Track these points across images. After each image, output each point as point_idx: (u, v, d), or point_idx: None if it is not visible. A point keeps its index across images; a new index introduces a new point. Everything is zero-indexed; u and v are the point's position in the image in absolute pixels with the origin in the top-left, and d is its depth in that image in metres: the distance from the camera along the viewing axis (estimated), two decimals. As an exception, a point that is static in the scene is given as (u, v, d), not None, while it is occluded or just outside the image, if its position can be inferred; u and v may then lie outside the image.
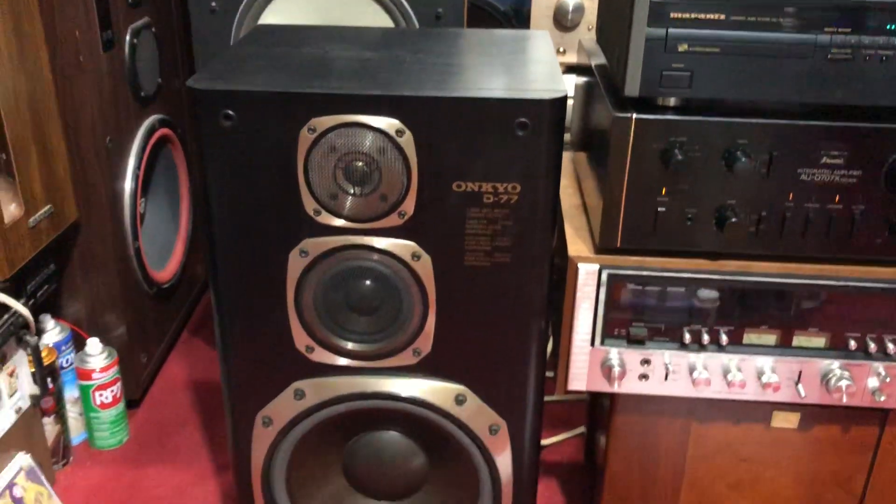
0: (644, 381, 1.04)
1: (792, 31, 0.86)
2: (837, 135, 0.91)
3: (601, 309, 1.01)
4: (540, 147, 0.91)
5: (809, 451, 1.13)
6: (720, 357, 1.03)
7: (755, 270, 0.98)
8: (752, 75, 0.88)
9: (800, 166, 0.92)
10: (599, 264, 0.99)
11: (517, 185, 0.93)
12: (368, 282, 0.98)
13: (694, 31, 0.87)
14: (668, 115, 0.92)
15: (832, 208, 0.94)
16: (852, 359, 1.02)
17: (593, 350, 1.04)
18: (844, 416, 1.11)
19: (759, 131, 0.91)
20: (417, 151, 0.91)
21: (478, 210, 0.94)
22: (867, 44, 0.86)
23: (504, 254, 0.97)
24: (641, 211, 0.95)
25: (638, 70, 0.88)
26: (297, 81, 0.93)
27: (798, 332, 1.02)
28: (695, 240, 0.97)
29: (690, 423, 1.12)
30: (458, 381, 1.04)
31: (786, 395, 1.04)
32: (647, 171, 0.93)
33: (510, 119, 0.90)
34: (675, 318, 1.01)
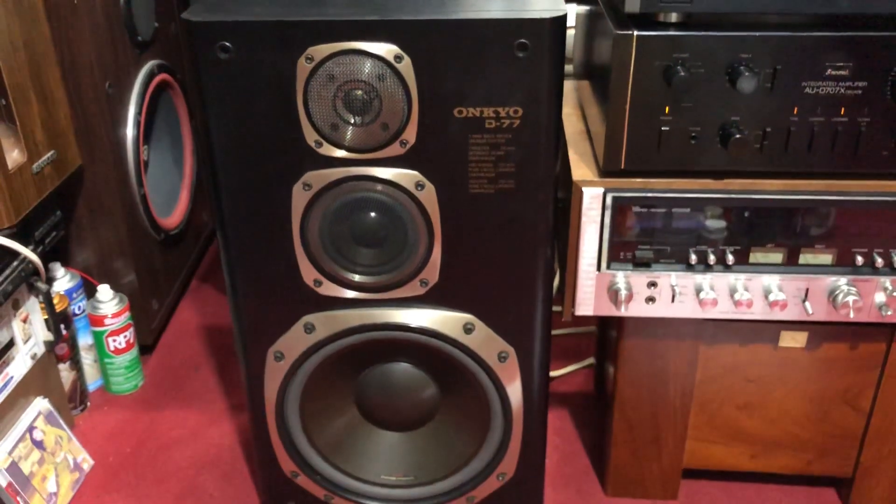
0: (651, 303, 1.05)
1: (795, -62, 0.84)
2: (841, 45, 0.89)
3: (606, 233, 1.01)
4: (541, 69, 0.90)
5: (817, 370, 1.14)
6: (726, 277, 1.03)
7: (761, 188, 0.98)
8: (755, -14, 0.87)
9: (804, 79, 0.91)
10: (604, 188, 0.99)
11: (519, 109, 0.92)
12: (373, 213, 0.98)
13: (695, -58, 0.85)
14: (670, 31, 0.90)
15: (837, 121, 0.93)
16: (859, 274, 1.02)
17: (600, 274, 1.04)
18: (852, 334, 1.11)
19: (763, 45, 0.90)
20: (417, 77, 0.91)
21: (480, 136, 0.94)
22: (873, -52, 0.84)
23: (508, 180, 0.96)
24: (645, 131, 0.95)
25: (638, -15, 0.87)
26: (292, 10, 0.92)
27: (805, 250, 1.01)
28: (700, 159, 0.96)
29: (698, 346, 1.13)
30: (466, 309, 1.05)
31: (793, 312, 1.04)
32: (649, 89, 0.92)
33: (510, 40, 0.89)
34: (680, 240, 1.01)
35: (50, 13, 1.30)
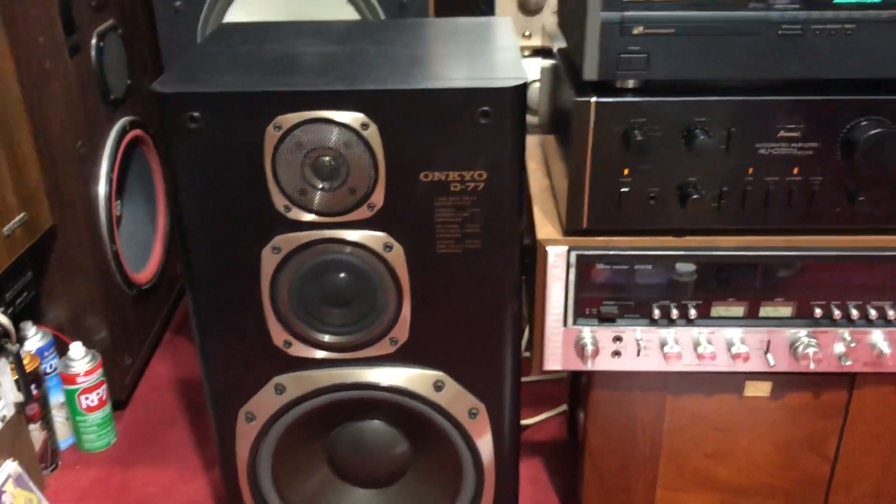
0: (617, 357, 1.07)
1: (744, 9, 0.88)
2: (792, 108, 0.93)
3: (571, 289, 1.03)
4: (504, 134, 0.93)
5: (782, 418, 1.16)
6: (690, 331, 1.05)
7: (720, 245, 1.01)
8: (707, 54, 0.90)
9: (758, 141, 0.94)
10: (568, 246, 1.01)
11: (483, 173, 0.95)
12: (342, 274, 1.00)
13: (648, 13, 0.88)
14: (628, 97, 0.93)
15: (791, 180, 0.96)
16: (818, 326, 1.04)
17: (566, 330, 1.06)
18: (814, 383, 1.13)
19: (717, 108, 0.93)
20: (383, 144, 0.93)
21: (446, 199, 0.96)
22: (816, 18, 0.88)
23: (474, 240, 0.98)
24: (606, 192, 0.97)
25: (595, 54, 0.90)
26: (260, 80, 0.94)
27: (765, 303, 1.04)
28: (659, 218, 0.99)
29: (665, 397, 1.15)
30: (436, 367, 1.06)
31: (756, 364, 1.06)
32: (609, 152, 0.95)
33: (473, 108, 0.91)
34: (644, 295, 1.04)
35: (21, 77, 1.32)
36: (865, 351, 1.05)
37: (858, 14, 0.88)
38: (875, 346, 1.05)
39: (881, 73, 0.91)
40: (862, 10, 0.88)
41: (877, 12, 0.88)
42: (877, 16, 0.88)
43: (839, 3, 0.88)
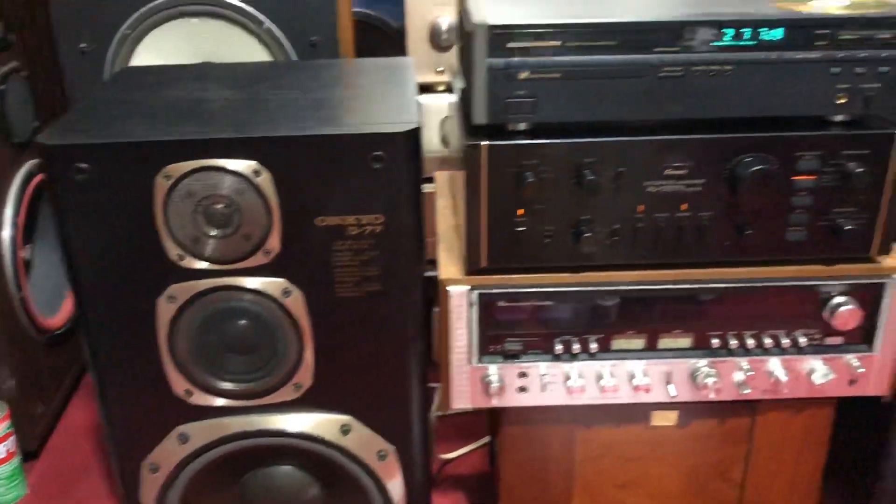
0: (523, 393, 1.08)
1: (624, 52, 0.90)
2: (677, 147, 0.95)
3: (475, 328, 1.04)
4: (398, 177, 0.94)
5: (690, 446, 1.18)
6: (593, 364, 1.07)
7: (617, 280, 1.02)
8: (593, 97, 0.92)
9: (646, 179, 0.97)
10: (469, 285, 1.02)
11: (380, 216, 0.95)
12: (242, 322, 0.99)
13: (533, 59, 0.90)
14: (519, 139, 0.95)
15: (681, 216, 0.99)
16: (716, 356, 1.07)
17: (472, 368, 1.06)
18: (719, 410, 1.16)
19: (604, 149, 0.95)
20: (277, 190, 0.93)
21: (343, 243, 0.96)
22: (695, 60, 0.91)
23: (374, 283, 0.99)
24: (503, 232, 0.98)
25: (483, 99, 0.91)
26: (150, 129, 0.93)
27: (663, 335, 1.06)
28: (556, 256, 1.00)
29: (575, 429, 1.16)
30: (343, 411, 1.06)
31: (658, 395, 1.08)
32: (503, 194, 0.96)
33: (365, 153, 0.92)
34: (546, 331, 1.05)
35: (-85, 123, 1.28)
36: (763, 378, 1.08)
37: (735, 56, 0.91)
38: (772, 373, 1.07)
39: (760, 112, 0.94)
40: (738, 52, 0.91)
41: (752, 54, 0.91)
42: (753, 57, 0.91)
43: (717, 45, 0.91)
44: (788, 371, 1.07)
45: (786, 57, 0.91)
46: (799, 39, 0.91)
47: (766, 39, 0.91)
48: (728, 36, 0.90)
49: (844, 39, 0.91)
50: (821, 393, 1.09)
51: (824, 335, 1.07)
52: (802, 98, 0.94)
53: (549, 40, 0.89)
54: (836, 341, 1.07)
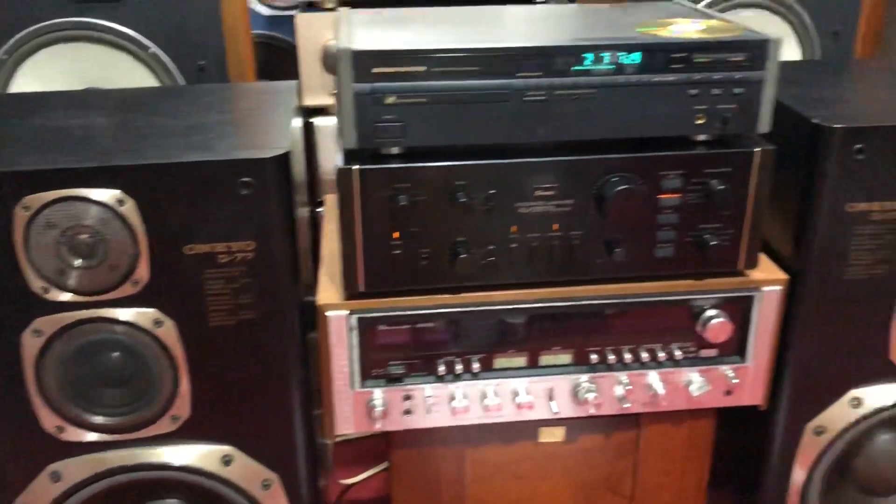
0: (408, 416, 1.08)
1: (489, 77, 0.92)
2: (546, 169, 0.97)
3: (356, 353, 1.03)
4: (268, 203, 0.93)
5: (578, 461, 1.20)
6: (476, 384, 1.07)
7: (494, 300, 1.04)
8: (461, 121, 0.93)
9: (517, 201, 0.98)
10: (348, 310, 1.02)
11: (251, 243, 0.94)
12: (112, 354, 0.96)
13: (399, 83, 0.91)
14: (391, 163, 0.95)
15: (552, 236, 1.01)
16: (596, 371, 1.09)
17: (356, 393, 1.06)
18: (605, 425, 1.18)
19: (475, 172, 0.96)
20: (143, 219, 0.91)
21: (214, 271, 0.95)
22: (557, 85, 0.93)
23: (248, 311, 0.97)
24: (379, 256, 0.99)
25: (352, 124, 0.92)
26: (9, 158, 0.90)
27: (544, 352, 1.08)
28: (433, 277, 1.01)
29: (465, 450, 1.17)
30: (224, 441, 1.04)
31: (541, 412, 1.10)
32: (377, 217, 0.97)
33: (233, 179, 0.91)
34: (428, 353, 1.05)
35: None
36: (642, 392, 1.11)
37: (597, 80, 0.94)
38: (651, 386, 1.10)
39: (624, 134, 0.97)
40: (600, 76, 0.94)
41: (613, 78, 0.94)
42: (613, 81, 0.94)
43: (578, 69, 0.93)
44: (666, 384, 1.10)
45: (644, 80, 0.94)
46: (656, 63, 0.94)
47: (625, 63, 0.94)
48: (588, 61, 0.93)
49: (699, 62, 0.95)
50: (699, 404, 1.12)
51: (699, 348, 1.10)
52: (663, 119, 0.97)
53: (413, 66, 0.90)
54: (710, 353, 1.11)
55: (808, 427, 1.16)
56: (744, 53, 0.95)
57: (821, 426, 1.16)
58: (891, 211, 1.04)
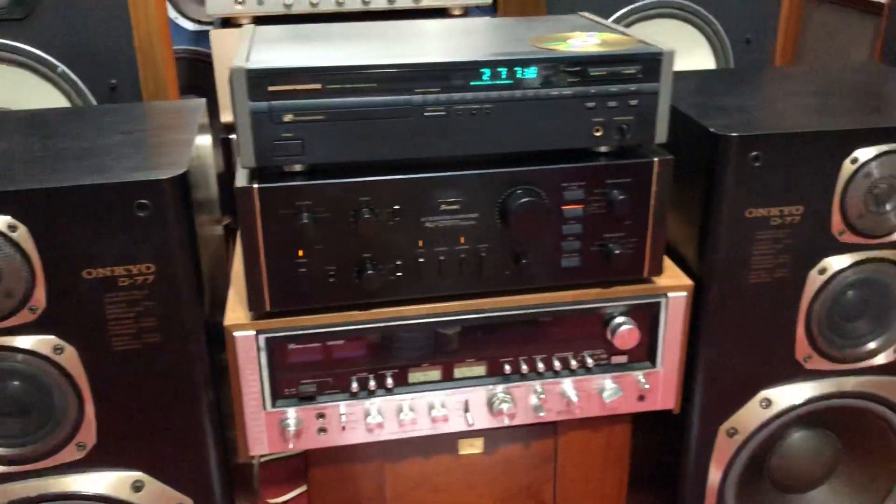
0: (323, 434, 1.07)
1: (386, 94, 0.92)
2: (450, 184, 0.98)
3: (266, 373, 1.02)
4: (167, 225, 0.92)
5: (499, 472, 1.21)
6: (391, 399, 1.07)
7: (405, 314, 1.04)
8: (360, 138, 0.94)
9: (422, 215, 0.99)
10: (256, 330, 1.01)
11: (151, 266, 0.93)
12: (13, 383, 0.94)
13: (296, 101, 0.91)
14: (293, 181, 0.95)
15: (460, 249, 1.01)
16: (510, 382, 1.10)
17: (268, 413, 1.05)
18: (523, 434, 1.19)
19: (379, 188, 0.96)
20: (37, 244, 0.89)
21: (115, 294, 0.93)
22: (457, 100, 0.94)
23: (152, 334, 0.96)
24: (284, 274, 0.98)
25: (249, 142, 0.91)
26: None
27: (458, 365, 1.08)
28: (342, 293, 1.01)
29: (384, 465, 1.16)
30: (133, 467, 1.02)
31: (457, 424, 1.10)
32: (280, 236, 0.96)
33: (129, 202, 0.90)
34: (340, 370, 1.05)
35: None
36: (557, 400, 1.12)
37: (494, 95, 0.95)
38: (565, 394, 1.11)
39: (525, 147, 0.98)
40: (497, 90, 0.95)
41: (510, 92, 0.95)
42: (510, 96, 0.95)
43: (475, 85, 0.94)
44: (580, 391, 1.11)
45: (542, 94, 0.96)
46: (553, 77, 0.95)
47: (522, 78, 0.95)
48: (486, 76, 0.94)
49: (595, 76, 0.96)
50: (613, 410, 1.14)
51: (610, 355, 1.12)
52: (562, 132, 0.98)
53: (309, 83, 0.90)
54: (621, 360, 1.12)
55: (722, 429, 1.19)
56: (638, 66, 0.96)
57: (733, 427, 1.19)
58: (789, 216, 1.07)
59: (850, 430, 1.27)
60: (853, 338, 1.17)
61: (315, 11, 1.50)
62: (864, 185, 1.07)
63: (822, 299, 1.12)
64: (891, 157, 1.06)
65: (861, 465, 1.30)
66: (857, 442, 1.28)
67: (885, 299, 1.15)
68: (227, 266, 1.20)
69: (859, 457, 1.29)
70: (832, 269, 1.11)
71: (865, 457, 1.29)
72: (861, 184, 1.07)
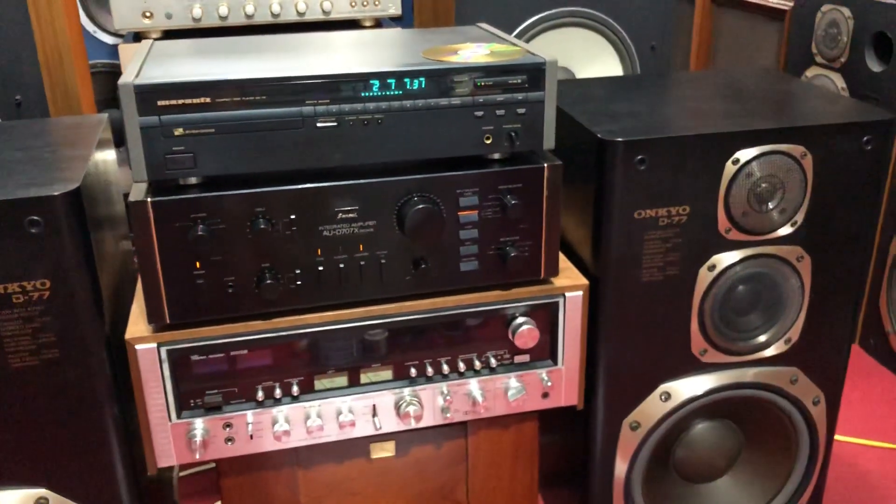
0: (231, 443, 1.08)
1: (277, 105, 0.94)
2: (345, 192, 1.00)
3: (169, 385, 1.03)
4: (60, 241, 0.92)
5: (412, 474, 1.23)
6: (298, 407, 1.09)
7: (308, 322, 1.05)
8: (253, 149, 0.95)
9: (320, 224, 1.01)
10: (157, 342, 1.01)
11: (46, 282, 0.93)
12: None
13: (185, 115, 0.92)
14: (187, 193, 0.96)
15: (360, 256, 1.03)
16: (417, 385, 1.12)
17: (174, 424, 1.05)
18: (434, 435, 1.21)
19: (274, 198, 0.98)
20: (-74, 263, 0.89)
21: (10, 311, 0.93)
22: (347, 111, 0.96)
23: (51, 349, 0.96)
24: (182, 286, 0.99)
25: (141, 156, 0.92)
26: None
27: (364, 370, 1.10)
28: (242, 304, 1.02)
29: (297, 471, 1.18)
30: (37, 484, 1.02)
31: (366, 429, 1.12)
32: (177, 248, 0.97)
33: (20, 218, 0.90)
34: (245, 379, 1.06)
35: None
36: (464, 401, 1.15)
37: (385, 105, 0.98)
38: (471, 394, 1.14)
39: (418, 155, 1.01)
40: (387, 100, 0.98)
41: (400, 102, 0.98)
42: (401, 105, 0.98)
43: (366, 95, 0.97)
44: (485, 391, 1.14)
45: (431, 104, 0.99)
46: (441, 87, 0.98)
47: (411, 89, 0.98)
48: (375, 87, 0.96)
49: (483, 86, 1.00)
50: (518, 409, 1.17)
51: (513, 354, 1.15)
52: (454, 140, 1.01)
53: (198, 97, 0.92)
54: (524, 359, 1.16)
55: (625, 422, 1.23)
56: (522, 75, 1.00)
57: (636, 421, 1.23)
58: (677, 216, 1.12)
59: (750, 420, 1.32)
60: (745, 331, 1.22)
61: (224, 25, 1.51)
62: (746, 184, 1.12)
63: (714, 294, 1.18)
64: (770, 157, 1.12)
65: (762, 453, 1.36)
66: (757, 431, 1.34)
67: (772, 293, 1.21)
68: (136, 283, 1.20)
69: (760, 445, 1.35)
70: (721, 265, 1.16)
71: (766, 445, 1.35)
72: (743, 183, 1.12)
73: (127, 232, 1.29)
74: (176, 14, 1.49)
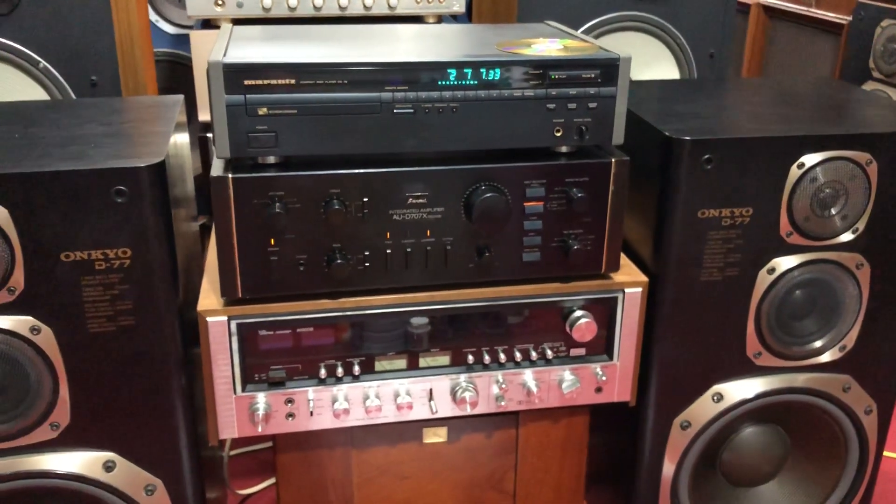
0: (291, 419, 1.11)
1: (357, 90, 0.97)
2: (417, 178, 1.03)
3: (237, 357, 1.06)
4: (143, 211, 0.96)
5: (462, 461, 1.25)
6: (358, 386, 1.11)
7: (372, 304, 1.08)
8: (331, 132, 0.98)
9: (391, 208, 1.03)
10: (227, 316, 1.04)
11: (127, 250, 0.97)
12: (-11, 362, 0.97)
13: (270, 95, 0.95)
14: (266, 172, 0.99)
15: (426, 242, 1.06)
16: (473, 371, 1.14)
17: (238, 397, 1.08)
18: (486, 424, 1.23)
19: (349, 181, 1.01)
20: (17, 227, 0.93)
21: (92, 277, 0.97)
22: (424, 98, 0.99)
23: (128, 317, 0.99)
24: (256, 262, 1.02)
25: (225, 134, 0.95)
26: None
27: (423, 354, 1.12)
28: (311, 283, 1.05)
29: (350, 452, 1.20)
30: (105, 447, 1.05)
31: (421, 412, 1.14)
32: (253, 225, 1.00)
33: (108, 188, 0.94)
34: (309, 357, 1.09)
35: None
36: (518, 390, 1.16)
37: (461, 94, 1.00)
38: (525, 384, 1.16)
39: (489, 145, 1.03)
40: (463, 90, 1.00)
41: (475, 92, 1.00)
42: (476, 95, 1.00)
43: (443, 84, 0.99)
44: (539, 382, 1.16)
45: (505, 94, 1.01)
46: (516, 79, 1.01)
47: (486, 79, 1.00)
48: (452, 76, 0.99)
49: (556, 78, 1.02)
50: (571, 401, 1.19)
51: (569, 347, 1.16)
52: (525, 132, 1.03)
53: (283, 78, 0.95)
54: (580, 352, 1.17)
55: (675, 422, 1.24)
56: (596, 70, 1.02)
57: (686, 420, 1.24)
58: (739, 217, 1.13)
59: (799, 425, 1.32)
60: (801, 336, 1.23)
61: (293, 15, 1.55)
62: (809, 189, 1.13)
63: (771, 298, 1.18)
64: (836, 163, 1.13)
65: (809, 461, 1.36)
66: (805, 437, 1.34)
67: (830, 299, 1.21)
68: (202, 263, 1.23)
69: (808, 452, 1.35)
70: (780, 268, 1.17)
71: (813, 452, 1.35)
72: (807, 188, 1.13)
73: (195, 213, 1.33)
74: (247, 3, 1.52)
